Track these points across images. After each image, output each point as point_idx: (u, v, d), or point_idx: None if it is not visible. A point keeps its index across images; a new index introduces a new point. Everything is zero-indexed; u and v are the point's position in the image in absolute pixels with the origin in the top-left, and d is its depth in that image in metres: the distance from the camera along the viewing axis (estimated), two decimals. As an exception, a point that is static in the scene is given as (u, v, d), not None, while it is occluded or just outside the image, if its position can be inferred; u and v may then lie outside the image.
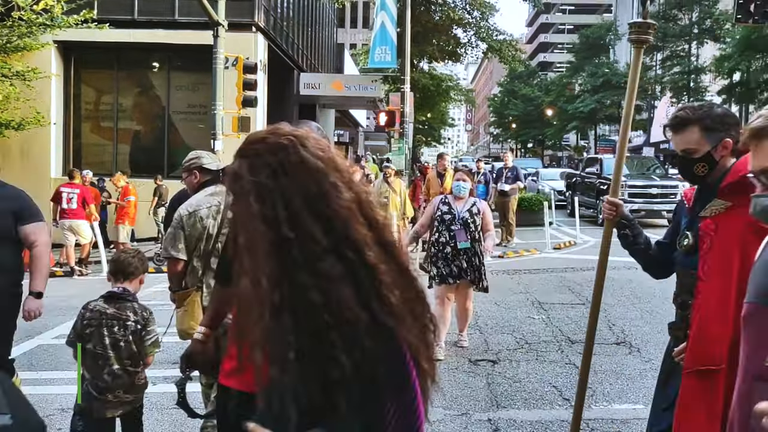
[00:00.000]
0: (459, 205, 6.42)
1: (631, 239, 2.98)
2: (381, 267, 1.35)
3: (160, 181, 14.93)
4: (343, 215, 1.35)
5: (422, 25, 22.31)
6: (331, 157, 1.42)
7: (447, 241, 6.28)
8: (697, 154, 2.66)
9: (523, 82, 65.69)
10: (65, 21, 14.23)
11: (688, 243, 2.69)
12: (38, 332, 7.32)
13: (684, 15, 36.96)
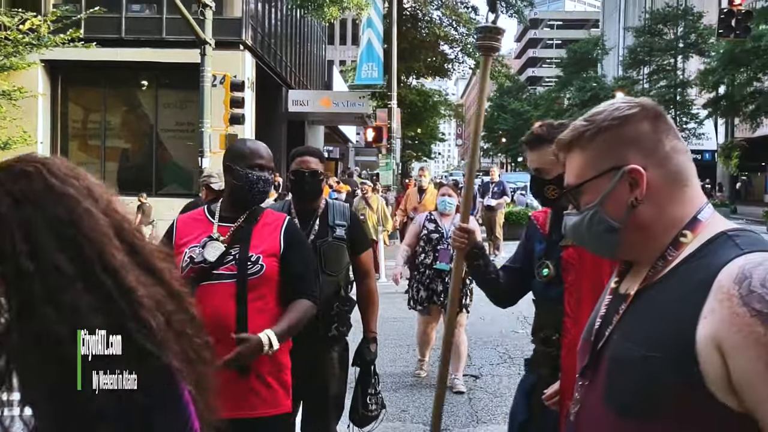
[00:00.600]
0: (446, 222, 5.92)
1: (482, 268, 2.66)
2: (140, 290, 1.30)
3: (144, 199, 14.90)
4: (97, 241, 1.30)
5: (409, 42, 22.49)
6: (86, 185, 1.36)
7: (431, 262, 5.82)
8: (549, 175, 2.50)
9: (513, 96, 66.17)
10: (52, 40, 14.26)
11: (549, 273, 2.49)
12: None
13: (669, 30, 37.37)
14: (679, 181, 1.23)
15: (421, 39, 23.57)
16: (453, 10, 23.12)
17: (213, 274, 2.47)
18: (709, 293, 1.06)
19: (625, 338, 1.20)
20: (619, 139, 1.25)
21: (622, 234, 1.24)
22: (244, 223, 2.59)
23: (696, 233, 1.20)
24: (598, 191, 1.25)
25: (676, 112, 36.26)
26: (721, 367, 1.04)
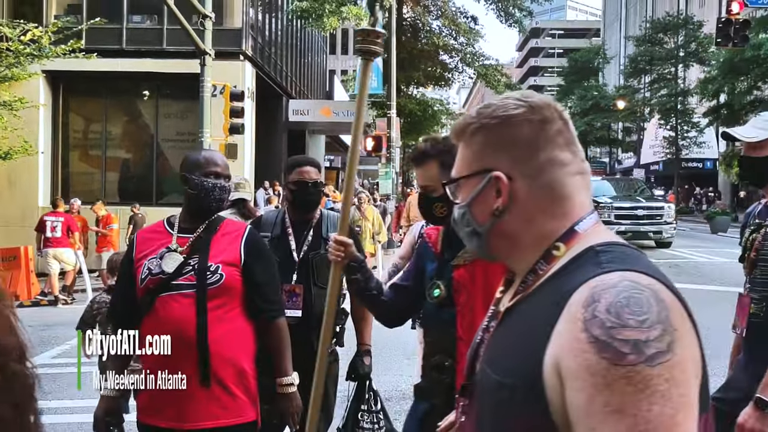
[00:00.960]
0: None
1: (362, 284, 2.46)
2: None
3: (137, 210, 14.91)
4: None
5: (408, 52, 22.60)
6: None
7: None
8: (436, 193, 2.38)
9: (514, 105, 66.25)
10: (53, 51, 14.36)
11: (440, 294, 2.33)
12: (16, 362, 7.31)
13: (670, 39, 37.48)
14: (553, 195, 1.11)
15: (421, 49, 23.70)
16: (452, 20, 23.24)
17: (172, 284, 2.47)
18: (561, 314, 0.96)
19: (486, 361, 1.11)
20: (496, 141, 1.14)
21: (487, 239, 1.15)
22: (203, 234, 2.58)
23: (570, 245, 1.08)
24: (469, 191, 1.17)
25: (677, 120, 36.32)
26: (561, 396, 0.93)
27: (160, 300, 2.46)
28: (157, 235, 2.65)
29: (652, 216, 18.01)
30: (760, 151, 2.42)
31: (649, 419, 0.85)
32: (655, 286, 0.95)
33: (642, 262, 1.02)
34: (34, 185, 17.43)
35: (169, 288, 2.48)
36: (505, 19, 23.78)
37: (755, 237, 2.47)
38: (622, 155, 55.31)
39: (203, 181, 2.59)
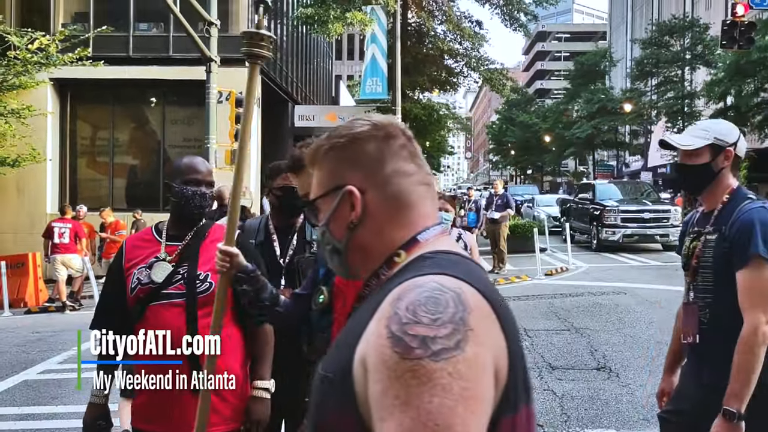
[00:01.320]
0: None
1: (252, 295, 2.35)
2: None
3: (139, 216, 14.97)
4: None
5: (413, 57, 22.63)
6: None
7: None
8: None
9: (521, 109, 66.25)
10: (60, 59, 14.50)
11: (324, 300, 2.26)
12: (24, 367, 7.38)
13: (676, 41, 37.38)
14: (399, 203, 1.19)
15: (426, 53, 23.72)
16: (456, 25, 23.26)
17: (162, 294, 2.49)
18: (375, 313, 1.02)
19: (322, 361, 1.15)
20: (346, 158, 1.22)
21: (346, 255, 1.21)
22: (191, 241, 2.57)
23: (410, 253, 1.16)
24: (326, 210, 1.23)
25: (684, 123, 36.17)
26: (365, 389, 0.98)
27: (151, 309, 2.47)
28: (145, 243, 2.63)
29: (659, 219, 17.98)
30: (696, 159, 2.47)
31: (430, 410, 0.90)
32: (462, 290, 1.00)
33: (461, 268, 1.08)
34: (42, 192, 17.57)
35: (159, 297, 2.49)
36: (510, 23, 23.79)
37: (695, 245, 2.52)
38: (629, 158, 55.15)
39: (183, 188, 2.56)
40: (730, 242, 2.35)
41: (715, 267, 2.41)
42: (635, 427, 5.10)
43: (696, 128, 2.54)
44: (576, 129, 48.93)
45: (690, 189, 2.67)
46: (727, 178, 2.47)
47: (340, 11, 18.49)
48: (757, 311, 2.25)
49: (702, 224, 2.55)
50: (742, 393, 2.25)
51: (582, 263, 15.55)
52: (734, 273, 2.32)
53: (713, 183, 2.46)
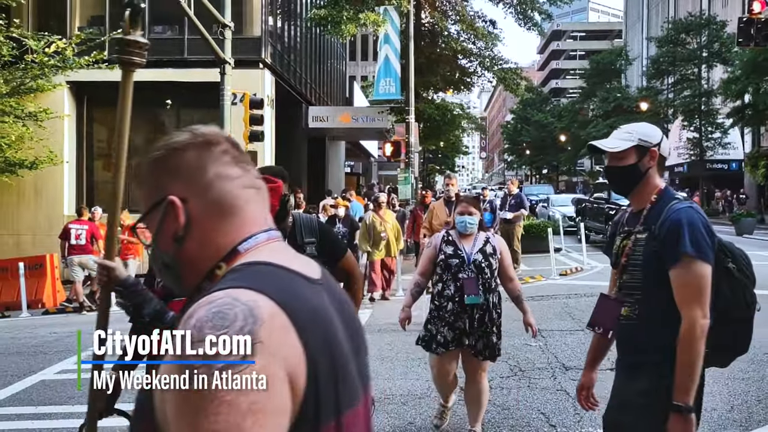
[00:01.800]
0: (467, 244, 4.70)
1: (131, 309, 2.32)
2: None
3: None
4: None
5: (426, 57, 22.62)
6: None
7: (453, 295, 4.61)
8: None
9: (536, 108, 66.01)
10: (77, 62, 14.69)
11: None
12: (41, 367, 7.47)
13: (692, 39, 37.06)
14: (223, 209, 1.15)
15: (439, 53, 23.72)
16: (470, 25, 23.22)
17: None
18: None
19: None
20: (165, 170, 1.17)
21: (178, 269, 1.17)
22: None
23: (230, 265, 1.13)
24: (153, 226, 1.18)
25: (701, 121, 35.88)
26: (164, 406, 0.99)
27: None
28: None
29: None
30: (623, 161, 2.55)
31: (217, 430, 0.90)
32: (257, 302, 0.98)
33: (268, 279, 1.05)
34: (59, 194, 17.77)
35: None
36: (524, 22, 23.71)
37: (626, 244, 2.58)
38: (645, 157, 54.74)
39: None
40: (660, 241, 2.44)
41: (645, 265, 2.49)
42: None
43: (621, 131, 2.61)
44: (591, 128, 48.66)
45: (619, 190, 2.71)
46: (654, 178, 2.56)
47: (353, 12, 18.53)
48: (693, 307, 2.35)
49: (632, 224, 2.62)
50: (689, 387, 2.35)
51: (597, 263, 15.45)
52: (663, 271, 2.42)
53: (641, 183, 2.55)
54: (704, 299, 2.36)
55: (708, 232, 2.41)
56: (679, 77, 38.04)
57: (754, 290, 2.54)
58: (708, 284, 2.37)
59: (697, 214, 2.44)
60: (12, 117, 14.77)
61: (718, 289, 2.44)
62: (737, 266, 2.48)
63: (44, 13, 18.72)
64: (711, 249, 2.40)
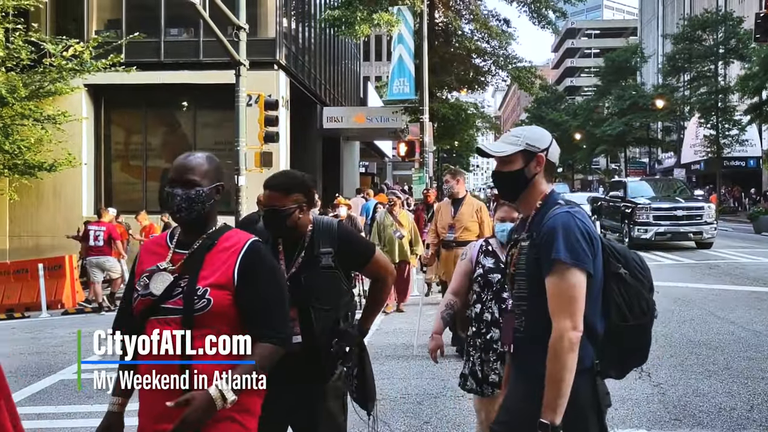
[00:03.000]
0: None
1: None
2: None
3: (167, 218, 15.22)
4: None
5: (440, 56, 22.62)
6: None
7: (496, 319, 3.74)
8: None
9: (551, 107, 65.69)
10: (94, 65, 14.84)
11: None
12: (60, 367, 7.57)
13: (709, 36, 36.71)
14: None
15: (453, 53, 23.69)
16: (484, 24, 23.18)
17: (161, 308, 2.25)
18: None
19: None
20: None
21: None
22: (197, 249, 2.31)
23: None
24: None
25: (718, 119, 35.54)
26: None
27: (149, 324, 2.25)
28: (159, 249, 2.38)
29: (692, 216, 17.66)
30: (509, 166, 2.44)
31: None
32: None
33: None
34: (78, 196, 17.97)
35: (158, 312, 2.25)
36: (538, 20, 23.62)
37: (513, 252, 2.47)
38: (661, 155, 54.31)
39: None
40: (538, 248, 2.33)
41: (528, 274, 2.37)
42: (666, 427, 5.05)
43: (509, 135, 2.52)
44: (607, 126, 48.36)
45: (505, 196, 2.64)
46: (540, 183, 2.44)
47: (366, 13, 18.57)
48: (563, 317, 2.21)
49: (519, 231, 2.52)
50: (555, 403, 2.18)
51: (614, 262, 15.36)
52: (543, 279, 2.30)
53: (527, 189, 2.44)
54: (575, 309, 2.21)
55: (587, 239, 2.27)
56: (695, 74, 37.68)
57: (651, 296, 2.41)
58: (581, 293, 2.22)
59: (576, 219, 2.30)
60: (31, 120, 14.95)
61: (610, 296, 2.32)
62: (630, 272, 2.35)
63: (62, 18, 18.93)
64: (588, 256, 2.26)
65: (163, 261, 2.31)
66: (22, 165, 14.98)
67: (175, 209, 2.29)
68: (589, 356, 2.29)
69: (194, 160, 2.34)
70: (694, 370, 6.39)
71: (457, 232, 7.43)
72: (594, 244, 2.29)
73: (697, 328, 8.24)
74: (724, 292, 10.89)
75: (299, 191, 2.89)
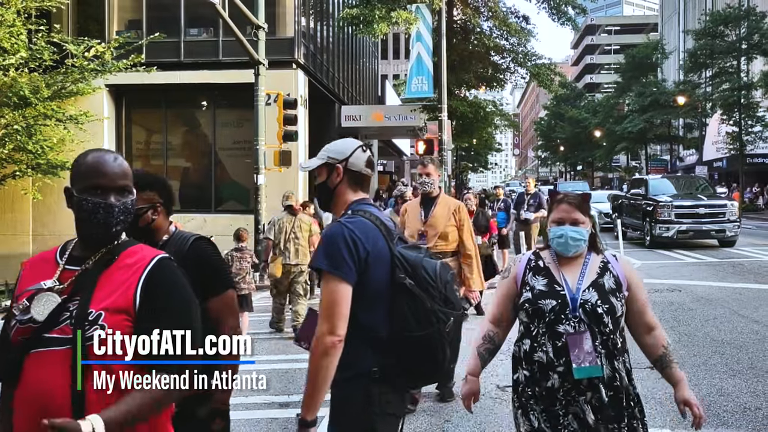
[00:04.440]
0: (570, 274, 2.80)
1: None
2: None
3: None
4: None
5: (459, 54, 22.54)
6: None
7: (551, 361, 2.69)
8: None
9: (570, 104, 65.25)
10: (115, 66, 14.99)
11: None
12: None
13: (731, 31, 36.22)
14: None
15: (472, 50, 23.60)
16: (503, 21, 23.06)
17: (45, 338, 1.80)
18: None
19: None
20: None
21: None
22: (92, 266, 1.89)
23: None
24: None
25: (741, 115, 35.08)
26: None
27: (30, 359, 1.79)
28: (46, 266, 1.95)
29: (715, 214, 17.44)
30: (319, 179, 2.59)
31: None
32: None
33: None
34: (99, 195, 18.17)
35: (41, 342, 1.80)
36: (557, 17, 23.46)
37: None
38: (683, 152, 53.73)
39: (81, 200, 1.89)
40: None
41: None
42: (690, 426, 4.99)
43: (322, 150, 2.64)
44: (627, 123, 47.94)
45: (322, 205, 2.74)
46: (344, 193, 2.56)
47: (385, 11, 18.55)
48: (322, 322, 2.30)
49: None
50: (308, 401, 2.30)
51: (635, 260, 15.22)
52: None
53: (333, 199, 2.58)
54: (331, 314, 2.28)
55: (351, 248, 2.33)
56: (717, 70, 37.20)
57: (441, 308, 2.38)
58: (340, 299, 2.29)
59: (346, 229, 2.37)
60: (54, 120, 15.13)
61: (395, 305, 2.36)
62: (417, 283, 2.37)
63: (83, 19, 19.14)
64: (349, 264, 2.32)
65: (49, 279, 1.88)
66: (45, 165, 15.17)
67: (104, 223, 1.88)
68: (365, 362, 2.36)
69: (123, 163, 1.96)
70: (718, 370, 6.32)
71: (430, 241, 5.56)
72: (359, 253, 2.34)
73: (721, 327, 8.15)
74: (748, 290, 10.74)
75: (153, 189, 2.74)
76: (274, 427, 5.30)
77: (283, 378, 6.63)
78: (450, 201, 5.91)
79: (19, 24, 13.87)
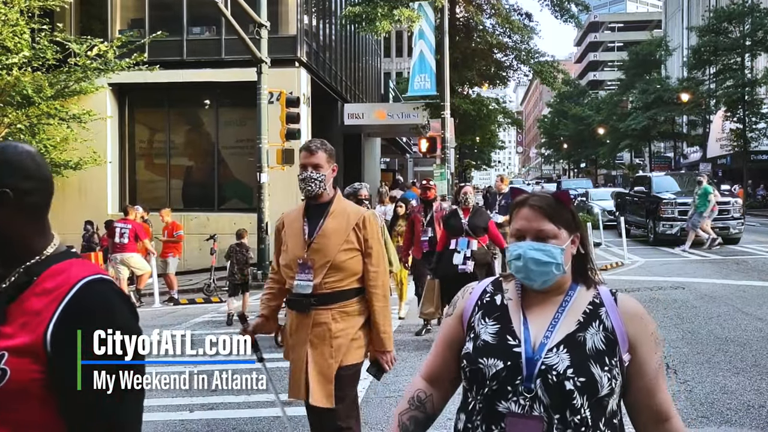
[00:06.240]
0: (537, 318, 1.76)
1: None
2: None
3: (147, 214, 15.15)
4: None
5: (461, 52, 22.53)
6: None
7: None
8: None
9: (573, 101, 65.12)
10: (118, 65, 15.01)
11: None
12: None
13: (735, 28, 36.08)
14: None
15: (474, 48, 23.58)
16: (506, 18, 23.03)
17: None
18: None
19: None
20: None
21: None
22: (5, 290, 1.47)
23: None
24: None
25: (745, 112, 34.96)
26: None
27: None
28: None
29: (719, 212, 17.39)
30: None
31: None
32: None
33: None
34: (103, 194, 18.20)
35: None
36: (560, 14, 23.42)
37: None
38: (687, 149, 53.57)
39: None
40: None
41: None
42: (693, 424, 4.98)
43: None
44: (631, 120, 47.82)
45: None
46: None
47: (387, 8, 18.55)
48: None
49: None
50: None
51: (638, 258, 15.20)
52: None
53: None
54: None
55: None
56: (721, 67, 37.05)
57: None
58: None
59: None
60: (57, 119, 15.16)
61: None
62: None
63: (86, 18, 19.15)
64: None
65: None
66: (49, 164, 15.16)
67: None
68: None
69: (29, 156, 1.58)
70: (722, 367, 6.30)
71: (316, 276, 3.40)
72: None
73: (724, 324, 8.12)
74: (752, 288, 10.71)
75: None
76: (277, 425, 5.30)
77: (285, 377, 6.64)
78: (350, 209, 3.58)
79: (23, 23, 13.89)
